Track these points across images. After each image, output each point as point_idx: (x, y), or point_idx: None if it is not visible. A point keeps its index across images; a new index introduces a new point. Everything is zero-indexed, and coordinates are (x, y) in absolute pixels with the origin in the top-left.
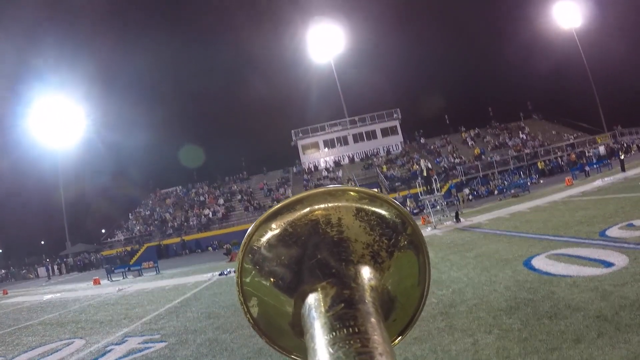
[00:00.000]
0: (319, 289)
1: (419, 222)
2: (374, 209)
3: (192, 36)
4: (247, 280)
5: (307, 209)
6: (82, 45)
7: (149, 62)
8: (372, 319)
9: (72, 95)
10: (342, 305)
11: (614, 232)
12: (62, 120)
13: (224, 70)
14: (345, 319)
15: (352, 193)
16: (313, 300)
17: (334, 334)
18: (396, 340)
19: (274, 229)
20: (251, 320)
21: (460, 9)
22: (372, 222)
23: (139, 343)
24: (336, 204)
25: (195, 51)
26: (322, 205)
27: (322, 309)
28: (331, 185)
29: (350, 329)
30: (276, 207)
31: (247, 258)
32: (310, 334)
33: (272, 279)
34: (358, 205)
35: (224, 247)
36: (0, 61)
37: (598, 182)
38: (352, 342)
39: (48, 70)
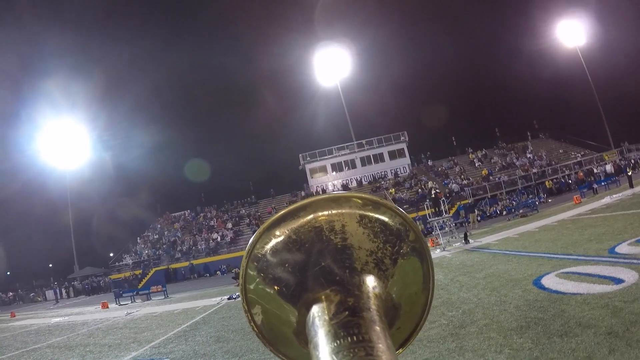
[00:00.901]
0: (323, 297)
1: (428, 245)
2: (377, 215)
3: (199, 59)
4: (251, 287)
5: (311, 216)
6: (91, 67)
7: (158, 85)
8: (377, 327)
9: (80, 118)
10: (346, 313)
11: (623, 248)
12: (70, 143)
13: (231, 94)
14: (349, 327)
15: (355, 200)
16: (317, 308)
17: (338, 342)
18: (401, 349)
19: (278, 236)
20: (255, 329)
21: (465, 30)
22: (375, 229)
23: None
24: (340, 211)
25: (202, 75)
26: (326, 212)
27: (326, 317)
28: (335, 192)
29: (355, 337)
30: (279, 214)
31: (251, 265)
32: (314, 343)
33: (275, 287)
34: (362, 212)
35: (233, 271)
36: (7, 82)
37: (606, 200)
38: (356, 350)
39: (56, 92)
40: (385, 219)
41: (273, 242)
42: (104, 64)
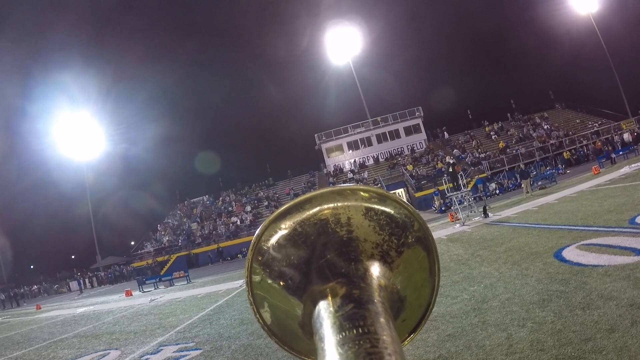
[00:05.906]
0: (328, 289)
1: (447, 220)
2: (383, 208)
3: (212, 44)
4: (257, 280)
5: (316, 209)
6: (108, 61)
7: (172, 73)
8: (382, 319)
9: (98, 110)
10: (352, 305)
11: None
12: (88, 135)
13: (244, 78)
14: (354, 319)
15: (361, 192)
16: (322, 300)
17: (343, 334)
18: (406, 340)
19: (283, 229)
20: (261, 321)
21: (477, 3)
22: (381, 222)
23: (174, 352)
24: (345, 204)
25: (216, 59)
26: (331, 205)
27: (332, 309)
28: (340, 185)
29: (360, 329)
30: (285, 206)
31: (257, 259)
32: (320, 335)
33: (281, 279)
34: (367, 204)
35: None
36: (27, 78)
37: (625, 169)
38: (361, 342)
39: (74, 85)
40: (391, 211)
41: (279, 235)
42: (122, 57)
